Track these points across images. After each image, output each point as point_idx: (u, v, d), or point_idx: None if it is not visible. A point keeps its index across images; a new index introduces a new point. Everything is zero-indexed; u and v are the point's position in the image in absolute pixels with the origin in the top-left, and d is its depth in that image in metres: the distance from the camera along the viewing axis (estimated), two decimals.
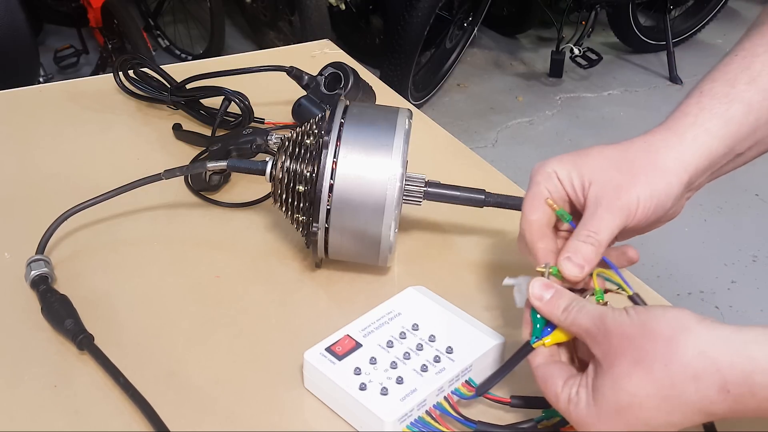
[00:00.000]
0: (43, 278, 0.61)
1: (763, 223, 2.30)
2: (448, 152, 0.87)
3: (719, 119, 0.53)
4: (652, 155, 0.52)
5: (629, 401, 0.43)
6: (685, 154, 0.52)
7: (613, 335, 0.45)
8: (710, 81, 0.54)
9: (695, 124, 0.53)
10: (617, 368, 0.44)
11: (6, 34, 2.03)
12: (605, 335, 0.45)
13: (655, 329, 0.43)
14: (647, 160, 0.52)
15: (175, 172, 0.67)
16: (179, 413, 0.53)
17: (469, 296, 0.63)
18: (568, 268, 0.51)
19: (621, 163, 0.52)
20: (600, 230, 0.51)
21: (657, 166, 0.52)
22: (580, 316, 0.47)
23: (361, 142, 0.60)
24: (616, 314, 0.46)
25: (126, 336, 0.59)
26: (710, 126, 0.52)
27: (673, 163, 0.52)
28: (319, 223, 0.60)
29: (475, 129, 2.73)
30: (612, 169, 0.52)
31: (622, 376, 0.44)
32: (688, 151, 0.52)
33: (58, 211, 0.66)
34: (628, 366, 0.44)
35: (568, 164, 0.53)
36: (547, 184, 0.53)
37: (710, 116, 0.53)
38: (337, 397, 0.52)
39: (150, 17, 3.01)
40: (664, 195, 0.51)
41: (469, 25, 2.88)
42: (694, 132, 0.52)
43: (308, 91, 0.85)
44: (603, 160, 0.53)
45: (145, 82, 0.90)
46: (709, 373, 0.41)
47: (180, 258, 0.68)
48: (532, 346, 0.50)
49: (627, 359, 0.44)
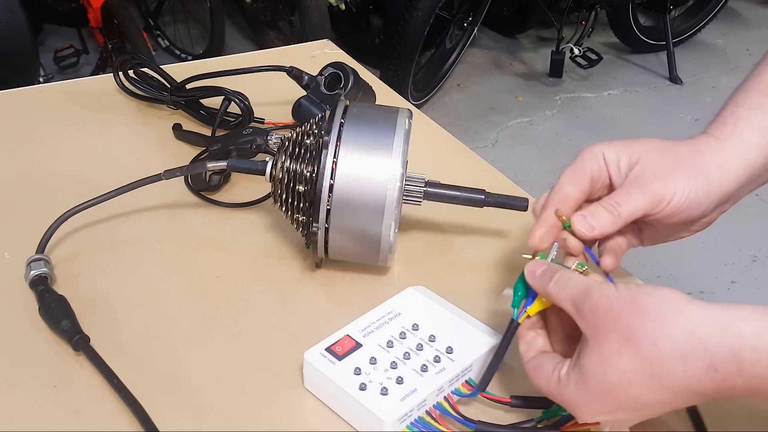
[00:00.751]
0: (42, 278, 0.61)
1: (763, 223, 2.30)
2: (448, 152, 0.87)
3: (756, 129, 0.53)
4: (698, 155, 0.53)
5: (618, 378, 0.43)
6: (727, 161, 0.53)
7: (600, 309, 0.45)
8: (744, 92, 0.55)
9: (734, 133, 0.53)
10: (605, 345, 0.44)
11: (6, 34, 2.02)
12: (591, 309, 0.45)
13: (643, 306, 0.43)
14: (692, 157, 0.53)
15: (176, 172, 0.67)
16: (179, 413, 0.53)
17: (469, 296, 0.63)
18: (580, 223, 0.52)
19: (668, 153, 0.53)
20: (625, 203, 0.52)
21: (701, 165, 0.53)
22: (567, 287, 0.48)
23: (361, 142, 0.60)
24: (603, 288, 0.45)
25: (126, 336, 0.59)
26: (749, 136, 0.53)
27: (716, 168, 0.53)
28: (319, 223, 0.60)
29: (475, 129, 2.73)
30: (658, 157, 0.53)
31: (611, 353, 0.44)
32: (730, 160, 0.53)
33: (58, 211, 0.66)
34: (617, 343, 0.43)
35: (617, 147, 0.54)
36: (591, 164, 0.54)
37: (748, 126, 0.53)
38: (337, 397, 0.52)
39: (150, 17, 3.01)
40: (702, 194, 0.52)
41: (469, 25, 2.88)
42: (734, 141, 0.53)
43: (308, 91, 0.85)
44: (652, 146, 0.54)
45: (145, 82, 0.90)
46: (697, 352, 0.41)
47: (180, 258, 0.68)
48: (518, 322, 0.51)
49: (615, 336, 0.43)
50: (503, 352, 0.52)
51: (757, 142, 0.53)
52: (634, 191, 0.52)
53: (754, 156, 0.53)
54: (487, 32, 3.36)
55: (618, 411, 0.44)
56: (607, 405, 0.44)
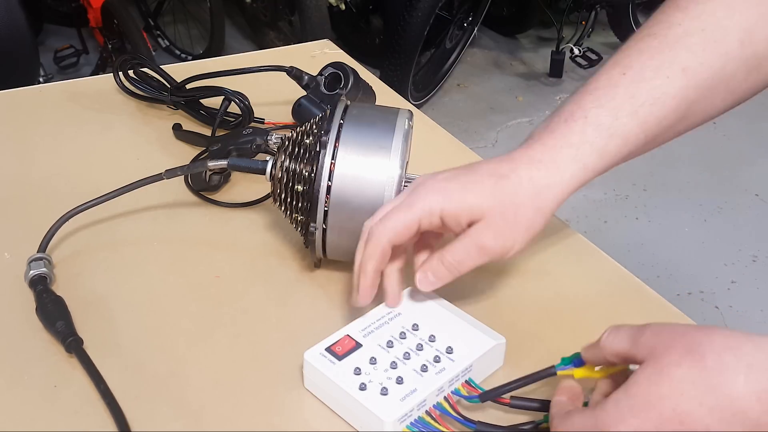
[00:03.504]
0: (41, 278, 0.61)
1: (763, 223, 2.30)
2: (448, 152, 0.87)
3: (597, 154, 0.54)
4: (535, 198, 0.53)
5: (670, 388, 0.41)
6: (563, 191, 0.54)
7: (664, 329, 0.43)
8: (596, 105, 0.54)
9: (575, 158, 0.54)
10: (665, 358, 0.41)
11: (6, 34, 2.03)
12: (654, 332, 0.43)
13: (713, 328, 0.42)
14: (531, 203, 0.53)
15: (176, 172, 0.67)
16: (179, 413, 0.53)
17: (469, 296, 0.63)
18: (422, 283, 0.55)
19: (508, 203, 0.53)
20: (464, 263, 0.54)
21: (539, 209, 0.54)
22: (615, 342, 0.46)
23: (359, 143, 0.60)
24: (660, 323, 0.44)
25: (125, 336, 0.59)
26: (588, 161, 0.54)
27: (552, 203, 0.54)
28: (317, 224, 0.60)
29: (475, 129, 2.73)
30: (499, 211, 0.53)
31: (670, 364, 0.41)
32: (566, 188, 0.54)
33: (59, 211, 0.66)
34: (678, 355, 0.41)
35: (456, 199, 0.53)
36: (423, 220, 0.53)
37: (590, 151, 0.54)
38: (337, 397, 0.52)
39: (150, 17, 3.01)
40: (538, 231, 0.54)
41: (469, 25, 2.88)
42: (574, 168, 0.54)
43: (308, 91, 0.85)
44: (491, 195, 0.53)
45: (145, 82, 0.90)
46: (762, 363, 0.39)
47: (180, 258, 0.68)
48: (556, 372, 0.50)
49: (678, 349, 0.41)
50: (525, 383, 0.51)
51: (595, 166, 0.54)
52: (474, 252, 0.53)
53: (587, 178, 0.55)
54: (487, 32, 3.36)
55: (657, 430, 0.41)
56: (648, 423, 0.41)
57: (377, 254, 0.54)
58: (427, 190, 0.54)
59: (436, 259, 0.54)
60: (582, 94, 0.56)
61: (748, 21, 0.55)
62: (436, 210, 0.53)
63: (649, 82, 0.54)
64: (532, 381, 0.51)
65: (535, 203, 0.53)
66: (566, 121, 0.55)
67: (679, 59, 0.54)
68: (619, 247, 2.09)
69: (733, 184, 2.47)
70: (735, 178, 2.51)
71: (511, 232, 0.53)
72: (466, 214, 0.53)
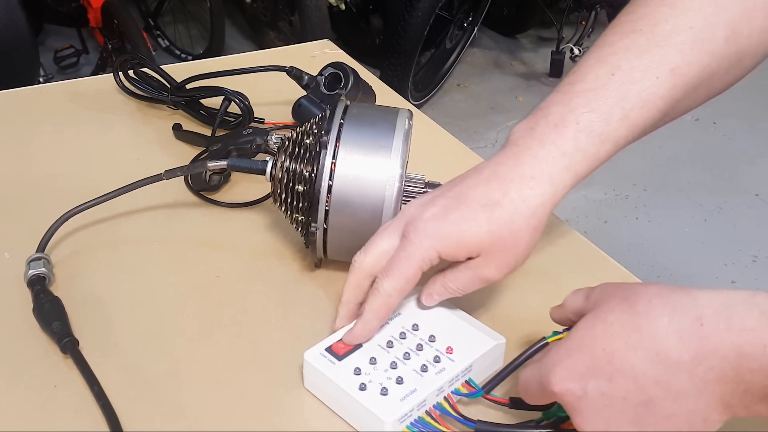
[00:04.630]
0: (40, 278, 0.61)
1: (763, 223, 2.30)
2: (448, 152, 0.87)
3: (589, 161, 0.53)
4: (531, 219, 0.52)
5: (602, 331, 0.44)
6: (555, 203, 0.53)
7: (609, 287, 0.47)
8: (588, 110, 0.53)
9: (569, 168, 0.53)
10: (603, 306, 0.45)
11: (6, 34, 2.03)
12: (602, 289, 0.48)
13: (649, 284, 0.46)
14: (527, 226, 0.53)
15: (176, 172, 0.67)
16: (179, 413, 0.53)
17: (469, 296, 0.63)
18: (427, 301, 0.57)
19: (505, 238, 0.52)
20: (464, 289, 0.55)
21: (536, 228, 0.53)
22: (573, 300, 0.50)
23: (360, 143, 0.60)
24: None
25: (125, 336, 0.59)
26: (580, 169, 0.53)
27: (546, 216, 0.53)
28: (318, 224, 0.60)
29: (475, 129, 2.73)
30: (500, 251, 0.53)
31: (605, 311, 0.44)
32: (558, 199, 0.53)
33: (58, 211, 0.66)
34: (615, 302, 0.45)
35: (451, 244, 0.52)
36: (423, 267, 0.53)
37: (583, 158, 0.53)
38: (337, 397, 0.52)
39: (150, 17, 3.01)
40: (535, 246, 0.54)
41: (469, 25, 2.88)
42: (566, 178, 0.53)
43: (308, 91, 0.85)
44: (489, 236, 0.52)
45: (145, 82, 0.90)
46: (686, 306, 0.42)
47: (180, 258, 0.68)
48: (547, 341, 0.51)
49: (616, 298, 0.45)
50: (521, 364, 0.52)
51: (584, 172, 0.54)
52: (477, 281, 0.54)
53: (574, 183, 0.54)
54: (487, 32, 3.36)
55: (590, 375, 0.43)
56: (581, 363, 0.44)
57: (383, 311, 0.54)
58: (420, 236, 0.52)
59: (440, 284, 0.55)
60: (569, 94, 0.54)
61: (733, 17, 0.55)
62: (434, 255, 0.53)
63: (639, 84, 0.53)
64: (528, 358, 0.52)
65: (531, 224, 0.53)
66: (557, 127, 0.53)
67: (668, 59, 0.54)
68: (619, 247, 2.09)
69: (733, 184, 2.47)
70: (735, 178, 2.51)
71: (511, 258, 0.53)
72: (464, 253, 0.53)
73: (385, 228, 0.55)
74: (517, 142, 0.55)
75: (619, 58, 0.54)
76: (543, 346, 0.52)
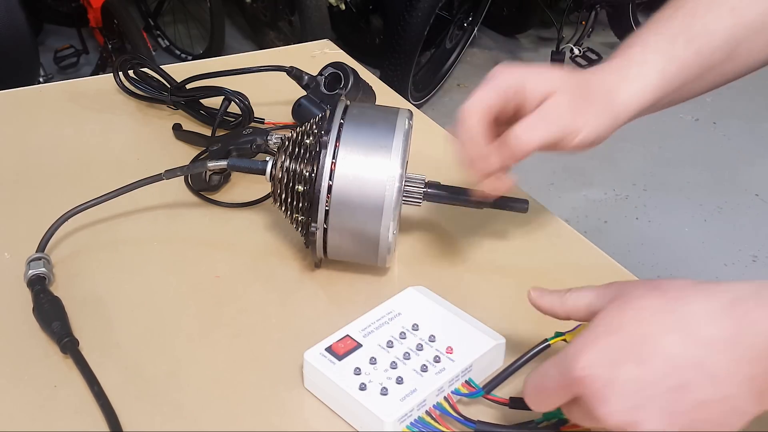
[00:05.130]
0: (40, 278, 0.61)
1: (763, 223, 2.30)
2: (448, 152, 0.86)
3: (658, 74, 0.59)
4: (607, 93, 0.58)
5: (633, 315, 0.43)
6: (629, 100, 0.58)
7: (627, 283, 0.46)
8: (654, 33, 0.60)
9: (640, 74, 0.59)
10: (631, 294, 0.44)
11: (6, 34, 2.03)
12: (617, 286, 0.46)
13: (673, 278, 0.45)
14: (603, 95, 0.58)
15: (176, 172, 0.67)
16: (179, 413, 0.53)
17: (469, 296, 0.63)
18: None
19: (582, 88, 0.58)
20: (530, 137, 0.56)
21: (609, 103, 0.58)
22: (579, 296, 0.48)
23: (360, 143, 0.60)
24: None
25: (125, 335, 0.59)
26: (651, 80, 0.59)
27: (620, 105, 0.58)
28: (318, 224, 0.60)
29: None
30: (573, 90, 0.57)
31: (635, 297, 0.44)
32: (632, 99, 0.58)
33: (58, 211, 0.66)
34: (643, 291, 0.44)
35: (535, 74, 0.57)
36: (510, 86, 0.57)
37: (653, 71, 0.59)
38: (337, 397, 0.52)
39: (150, 17, 3.01)
40: (606, 130, 0.58)
41: (469, 25, 2.88)
42: (638, 83, 0.58)
43: (308, 91, 0.85)
44: (568, 79, 0.58)
45: (145, 82, 0.90)
46: (719, 291, 0.42)
47: (180, 258, 0.68)
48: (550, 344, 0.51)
49: (642, 287, 0.44)
50: (522, 365, 0.52)
51: (657, 83, 0.59)
52: (543, 125, 0.56)
53: (650, 96, 0.59)
54: (487, 32, 3.36)
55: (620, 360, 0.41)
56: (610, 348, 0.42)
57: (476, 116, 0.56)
58: (506, 67, 0.58)
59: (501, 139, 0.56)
60: (640, 29, 0.61)
61: None
62: (518, 78, 0.57)
63: (702, 18, 0.59)
64: (530, 359, 0.52)
65: (606, 97, 0.57)
66: (627, 47, 0.60)
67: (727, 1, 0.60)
68: (619, 247, 2.09)
69: (733, 184, 2.47)
70: (735, 178, 2.50)
71: (580, 109, 0.56)
72: (543, 82, 0.56)
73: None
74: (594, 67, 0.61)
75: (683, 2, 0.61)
76: (545, 348, 0.52)
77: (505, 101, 0.57)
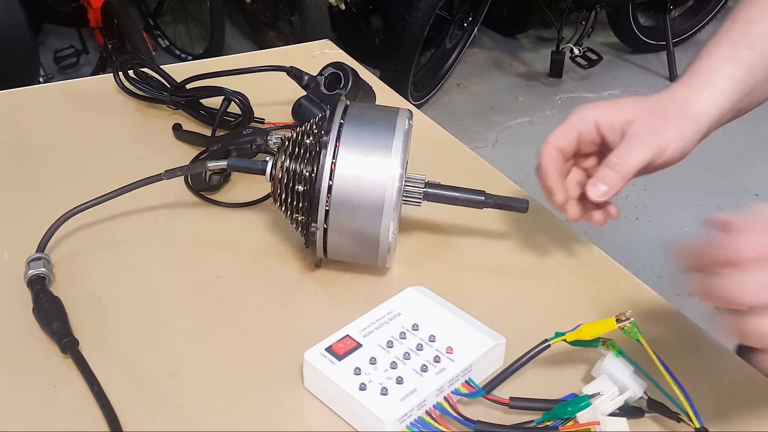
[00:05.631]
0: (39, 278, 0.61)
1: None
2: (448, 152, 0.87)
3: (728, 79, 0.61)
4: (681, 106, 0.60)
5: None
6: (704, 108, 0.60)
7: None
8: (716, 45, 0.62)
9: (710, 83, 0.61)
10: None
11: (6, 34, 2.03)
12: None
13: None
14: (678, 109, 0.60)
15: (176, 172, 0.67)
16: (179, 413, 0.53)
17: (469, 296, 0.63)
18: (593, 192, 0.59)
19: (656, 109, 0.60)
20: (628, 159, 0.58)
21: (686, 114, 0.60)
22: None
23: (360, 143, 0.60)
24: None
25: (125, 335, 0.59)
26: (721, 85, 0.60)
27: (697, 114, 0.60)
28: (318, 224, 0.60)
29: (475, 129, 2.73)
30: (649, 113, 0.60)
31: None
32: (706, 106, 0.60)
33: (58, 211, 0.66)
34: None
35: (608, 110, 0.61)
36: (579, 125, 0.61)
37: (721, 77, 0.61)
38: (337, 397, 0.52)
39: (150, 17, 3.01)
40: (691, 140, 0.60)
41: (469, 25, 2.88)
42: (709, 90, 0.60)
43: (308, 91, 0.85)
44: (640, 105, 0.60)
45: (145, 82, 0.90)
46: None
47: (180, 258, 0.68)
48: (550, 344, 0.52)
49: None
50: (522, 365, 0.52)
51: (728, 89, 0.60)
52: (636, 147, 0.58)
53: (725, 102, 0.60)
54: (487, 32, 3.36)
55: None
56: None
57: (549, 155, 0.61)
58: (581, 108, 0.62)
59: (602, 166, 0.59)
60: (704, 46, 0.63)
61: None
62: (590, 118, 0.60)
63: (757, 23, 0.62)
64: (530, 359, 0.52)
65: (681, 111, 0.60)
66: (693, 63, 0.63)
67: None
68: (619, 247, 2.09)
69: (733, 184, 2.47)
70: (735, 178, 2.50)
71: (662, 127, 0.59)
72: (619, 118, 0.60)
73: None
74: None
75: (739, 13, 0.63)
76: (545, 348, 0.52)
77: (577, 139, 0.61)
